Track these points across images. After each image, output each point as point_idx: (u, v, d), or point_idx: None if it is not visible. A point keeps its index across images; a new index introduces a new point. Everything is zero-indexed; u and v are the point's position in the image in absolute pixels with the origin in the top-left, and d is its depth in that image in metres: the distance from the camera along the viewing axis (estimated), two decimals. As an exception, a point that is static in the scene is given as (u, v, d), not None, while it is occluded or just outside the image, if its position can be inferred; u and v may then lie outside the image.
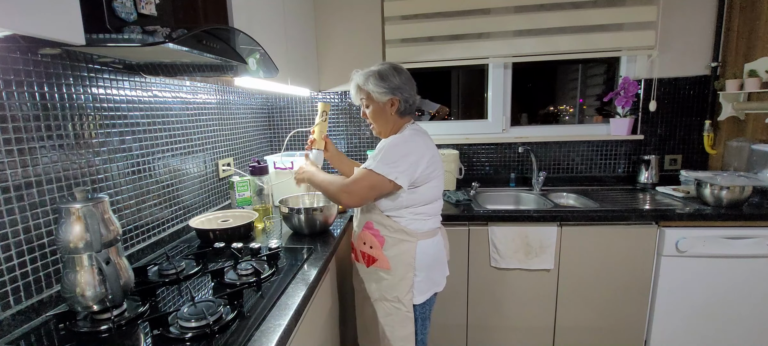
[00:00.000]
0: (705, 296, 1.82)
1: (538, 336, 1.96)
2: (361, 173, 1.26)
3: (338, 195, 1.28)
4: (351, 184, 1.26)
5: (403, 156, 1.23)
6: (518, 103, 2.51)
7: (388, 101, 1.31)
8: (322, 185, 1.35)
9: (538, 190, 2.27)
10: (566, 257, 1.86)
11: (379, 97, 1.30)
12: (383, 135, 1.38)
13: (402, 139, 1.27)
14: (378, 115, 1.34)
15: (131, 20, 0.87)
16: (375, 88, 1.30)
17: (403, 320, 1.34)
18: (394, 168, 1.22)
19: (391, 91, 1.30)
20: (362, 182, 1.25)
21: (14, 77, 0.91)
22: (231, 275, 1.13)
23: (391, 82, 1.29)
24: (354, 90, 1.37)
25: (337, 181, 1.32)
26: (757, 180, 1.88)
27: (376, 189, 1.25)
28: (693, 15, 2.16)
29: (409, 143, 1.26)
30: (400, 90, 1.30)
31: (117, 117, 1.22)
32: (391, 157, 1.23)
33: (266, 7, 1.57)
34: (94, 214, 0.87)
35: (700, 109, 2.25)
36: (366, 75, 1.31)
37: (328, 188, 1.32)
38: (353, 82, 1.36)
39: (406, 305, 1.32)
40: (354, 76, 1.36)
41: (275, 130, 2.54)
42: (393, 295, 1.32)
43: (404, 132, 1.32)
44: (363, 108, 1.38)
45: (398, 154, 1.23)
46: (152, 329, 0.86)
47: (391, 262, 1.31)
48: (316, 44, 2.38)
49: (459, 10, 2.25)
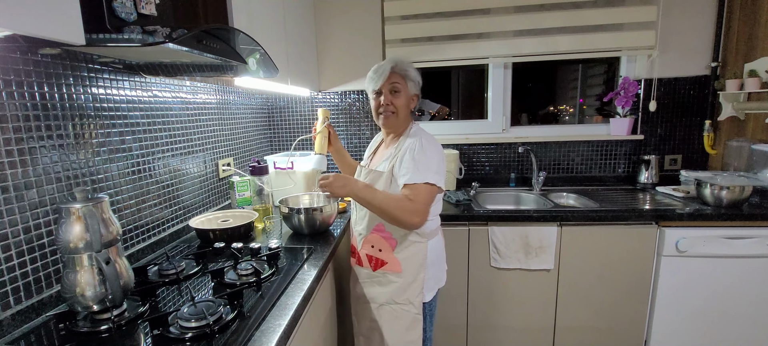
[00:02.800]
0: (705, 296, 1.82)
1: (538, 336, 1.96)
2: (421, 188, 1.18)
3: (401, 215, 1.16)
4: (417, 204, 1.16)
5: (441, 160, 1.25)
6: (518, 103, 2.51)
7: (414, 96, 1.33)
8: (376, 204, 1.19)
9: (538, 190, 2.27)
10: (566, 257, 1.86)
11: (412, 89, 1.31)
12: (395, 129, 1.35)
13: (433, 143, 1.27)
14: (404, 105, 1.31)
15: (131, 20, 0.87)
16: (416, 77, 1.31)
17: (413, 321, 1.32)
18: (440, 175, 1.23)
19: (418, 88, 1.33)
20: (426, 196, 1.18)
21: (14, 77, 0.91)
22: (231, 275, 1.13)
23: (420, 81, 1.33)
24: (384, 72, 1.27)
25: (395, 199, 1.19)
26: (757, 180, 1.88)
27: (433, 199, 1.23)
28: (693, 15, 2.16)
29: (437, 147, 1.28)
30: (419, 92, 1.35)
31: (117, 117, 1.22)
32: (437, 164, 1.23)
33: (266, 7, 1.57)
34: (94, 214, 0.87)
35: (700, 109, 2.25)
36: (407, 62, 1.30)
37: (387, 209, 1.18)
38: (389, 63, 1.28)
39: (417, 307, 1.32)
40: (390, 59, 1.29)
41: (275, 130, 2.54)
42: (403, 297, 1.31)
43: (420, 134, 1.30)
44: (387, 95, 1.28)
45: (439, 158, 1.25)
46: (152, 329, 0.86)
47: (403, 264, 1.30)
48: (316, 44, 2.38)
49: (459, 10, 2.25)
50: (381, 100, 1.30)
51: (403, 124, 1.34)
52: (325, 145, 1.53)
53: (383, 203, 1.18)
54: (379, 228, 1.32)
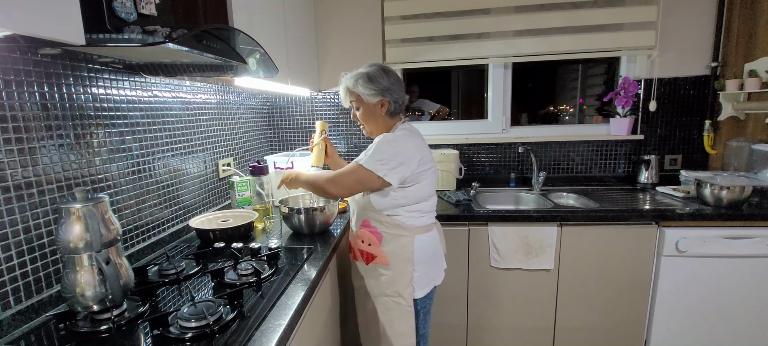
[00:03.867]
0: (705, 296, 1.82)
1: (538, 336, 1.96)
2: (350, 167, 1.29)
3: (325, 186, 1.31)
4: (338, 176, 1.29)
5: (394, 155, 1.24)
6: (518, 103, 2.51)
7: (377, 103, 1.32)
8: (310, 179, 1.37)
9: (538, 190, 2.27)
10: (566, 257, 1.86)
11: (368, 99, 1.31)
12: (374, 135, 1.38)
13: (393, 138, 1.27)
14: (368, 116, 1.35)
15: (131, 20, 0.87)
16: (364, 90, 1.31)
17: (404, 314, 1.35)
18: (383, 165, 1.23)
19: (381, 93, 1.31)
20: (351, 175, 1.28)
21: (14, 77, 0.91)
22: (231, 275, 1.13)
23: (380, 83, 1.30)
24: (343, 93, 1.37)
25: (325, 174, 1.34)
26: (757, 180, 1.88)
27: (363, 183, 1.28)
28: (693, 15, 2.16)
29: (400, 143, 1.27)
30: (390, 91, 1.31)
31: (117, 117, 1.22)
32: (382, 155, 1.24)
33: (266, 7, 1.57)
34: (94, 214, 0.87)
35: (700, 109, 2.25)
36: (355, 77, 1.32)
37: (316, 181, 1.34)
38: (342, 84, 1.37)
39: (406, 299, 1.34)
40: (342, 78, 1.36)
41: (275, 130, 2.54)
42: (393, 289, 1.34)
43: (396, 131, 1.32)
44: (353, 110, 1.39)
45: (389, 152, 1.24)
46: (152, 329, 0.86)
47: (390, 257, 1.33)
48: (316, 44, 2.38)
49: (459, 10, 2.25)
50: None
51: (385, 127, 1.37)
52: (321, 158, 1.55)
53: (316, 177, 1.35)
54: (366, 223, 1.36)
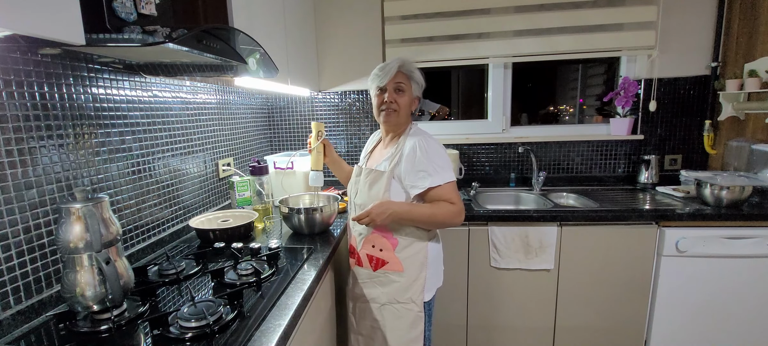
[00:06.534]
0: (705, 296, 1.82)
1: (538, 336, 1.96)
2: (448, 189, 1.26)
3: (456, 220, 1.27)
4: (457, 204, 1.26)
5: (448, 156, 1.31)
6: (518, 103, 2.51)
7: (416, 98, 1.37)
8: (428, 219, 1.27)
9: (538, 190, 2.27)
10: (566, 257, 1.86)
11: (416, 90, 1.35)
12: (395, 130, 1.37)
13: (435, 141, 1.31)
14: (407, 105, 1.34)
15: (131, 20, 0.87)
16: (420, 80, 1.34)
17: (415, 320, 1.33)
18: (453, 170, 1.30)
19: (420, 91, 1.37)
20: (454, 194, 1.26)
21: (14, 77, 0.91)
22: (231, 275, 1.13)
23: (421, 84, 1.36)
24: (393, 70, 1.28)
25: (442, 208, 1.25)
26: (757, 180, 1.88)
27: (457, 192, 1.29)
28: (693, 15, 2.16)
29: (440, 143, 1.33)
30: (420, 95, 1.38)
31: (117, 117, 1.22)
32: (448, 162, 1.28)
33: (266, 7, 1.57)
34: (94, 214, 0.87)
35: (700, 109, 2.25)
36: (413, 65, 1.34)
37: (437, 220, 1.27)
38: (396, 63, 1.29)
39: (419, 305, 1.33)
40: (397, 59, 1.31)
41: (275, 130, 2.54)
42: (406, 296, 1.32)
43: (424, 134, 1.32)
44: (391, 93, 1.29)
45: (446, 155, 1.30)
46: (152, 329, 0.86)
47: (404, 263, 1.31)
48: (316, 44, 2.38)
49: (459, 10, 2.25)
50: (384, 98, 1.31)
51: (403, 124, 1.36)
52: (320, 161, 1.54)
53: (433, 217, 1.26)
54: (380, 228, 1.32)
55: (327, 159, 1.57)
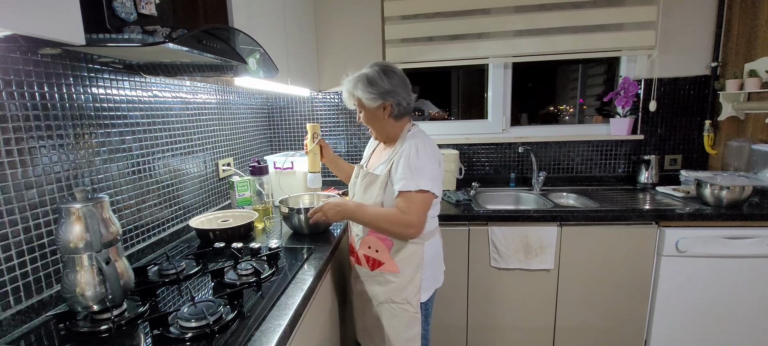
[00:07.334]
0: (705, 296, 1.82)
1: (538, 336, 1.96)
2: (412, 198, 1.18)
3: (399, 230, 1.21)
4: (410, 215, 1.18)
5: (436, 165, 1.24)
6: (518, 103, 2.51)
7: (379, 106, 1.26)
8: (371, 221, 1.25)
9: (538, 190, 2.27)
10: (566, 257, 1.86)
11: (369, 102, 1.25)
12: (381, 139, 1.37)
13: (429, 147, 1.25)
14: (371, 120, 1.31)
15: (131, 20, 0.87)
16: (364, 93, 1.23)
17: (411, 320, 1.33)
18: (436, 180, 1.22)
19: (381, 96, 1.23)
20: (420, 206, 1.19)
21: (14, 77, 0.91)
22: (231, 275, 1.13)
23: (380, 86, 1.23)
24: (346, 96, 1.31)
25: (387, 214, 1.22)
26: (757, 180, 1.88)
27: (428, 207, 1.23)
28: (693, 15, 2.16)
29: (434, 150, 1.26)
30: (392, 94, 1.24)
31: (117, 117, 1.22)
32: (432, 170, 1.21)
33: (266, 7, 1.57)
34: (94, 214, 0.87)
35: (700, 109, 2.25)
36: (355, 80, 1.25)
37: (381, 224, 1.23)
38: (344, 87, 1.30)
39: (415, 306, 1.32)
40: (344, 81, 1.30)
41: (275, 130, 2.55)
42: (401, 297, 1.31)
43: (421, 137, 1.28)
44: (358, 115, 1.34)
45: (434, 164, 1.23)
46: (152, 329, 0.86)
47: (400, 265, 1.30)
48: (316, 44, 2.38)
49: (459, 10, 2.25)
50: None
51: (391, 131, 1.32)
52: (317, 163, 1.54)
53: (375, 220, 1.24)
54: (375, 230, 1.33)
55: (324, 159, 1.57)
